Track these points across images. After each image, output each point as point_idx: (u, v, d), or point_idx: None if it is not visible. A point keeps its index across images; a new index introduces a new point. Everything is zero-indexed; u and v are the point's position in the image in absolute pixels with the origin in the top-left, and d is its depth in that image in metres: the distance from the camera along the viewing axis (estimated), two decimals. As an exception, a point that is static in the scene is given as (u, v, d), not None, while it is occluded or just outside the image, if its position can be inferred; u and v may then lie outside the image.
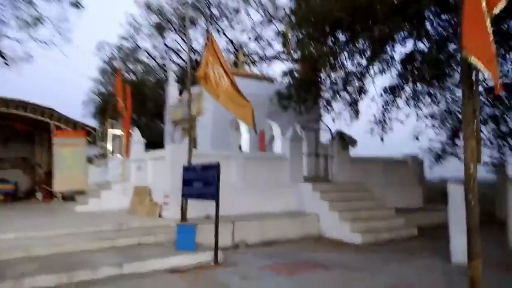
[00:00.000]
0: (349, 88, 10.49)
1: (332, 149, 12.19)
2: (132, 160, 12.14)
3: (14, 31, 17.97)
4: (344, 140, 12.30)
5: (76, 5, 15.19)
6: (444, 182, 16.51)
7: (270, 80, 16.87)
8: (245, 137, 14.39)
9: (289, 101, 11.57)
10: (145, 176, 11.02)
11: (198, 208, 9.26)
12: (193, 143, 14.77)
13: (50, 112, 16.20)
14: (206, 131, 13.45)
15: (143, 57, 22.87)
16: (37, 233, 7.27)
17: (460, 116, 10.84)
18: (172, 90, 16.94)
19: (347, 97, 10.66)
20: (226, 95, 8.78)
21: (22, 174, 22.23)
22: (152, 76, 23.26)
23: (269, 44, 21.73)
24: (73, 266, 5.67)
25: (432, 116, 12.30)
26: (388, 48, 9.92)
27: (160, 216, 9.30)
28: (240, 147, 14.39)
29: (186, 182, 7.79)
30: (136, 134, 12.48)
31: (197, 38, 22.82)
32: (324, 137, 13.95)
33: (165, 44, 22.60)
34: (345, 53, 10.00)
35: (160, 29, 21.49)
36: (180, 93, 17.13)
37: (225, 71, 8.79)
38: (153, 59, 23.01)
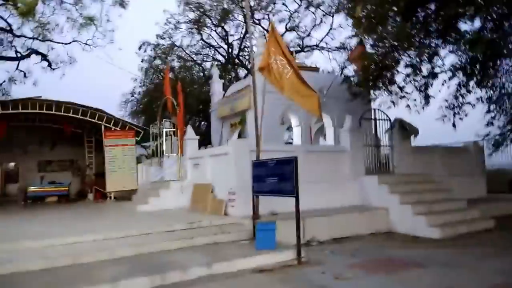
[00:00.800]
0: (421, 71, 9.91)
1: (393, 139, 11.65)
2: (188, 157, 12.08)
3: (59, 34, 18.38)
4: (405, 129, 11.75)
5: (122, 4, 15.22)
6: (501, 170, 15.59)
7: (315, 69, 16.43)
8: (296, 130, 14.04)
9: (362, 87, 11.04)
10: (203, 173, 10.91)
11: (263, 205, 9.05)
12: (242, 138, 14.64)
13: (100, 114, 16.49)
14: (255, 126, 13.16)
15: (182, 54, 22.84)
16: (114, 234, 7.24)
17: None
18: (217, 87, 16.81)
19: (418, 81, 10.08)
20: (291, 86, 8.48)
21: (70, 176, 23.00)
22: (191, 73, 23.26)
23: (308, 34, 21.21)
24: (163, 267, 5.56)
25: (490, 99, 11.53)
26: (458, 28, 9.28)
27: (225, 213, 9.14)
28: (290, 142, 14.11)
29: (257, 178, 7.56)
30: (190, 131, 12.40)
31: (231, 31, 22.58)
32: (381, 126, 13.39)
33: (203, 40, 22.50)
34: (420, 32, 9.42)
35: (199, 25, 21.36)
36: (224, 89, 16.98)
37: (288, 61, 8.49)
38: (189, 56, 22.95)
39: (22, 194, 19.32)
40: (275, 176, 7.00)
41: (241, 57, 22.58)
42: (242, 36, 21.74)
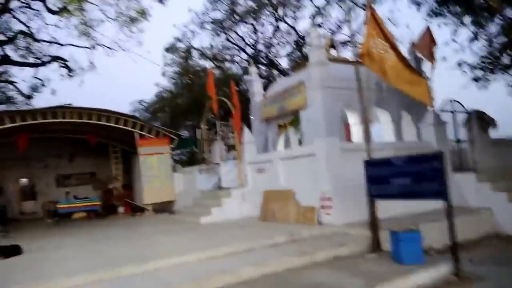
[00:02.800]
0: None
1: (471, 132, 10.71)
2: (247, 162, 11.01)
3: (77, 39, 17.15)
4: (484, 121, 10.83)
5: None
6: None
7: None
8: (353, 128, 13.00)
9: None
10: (273, 178, 9.84)
11: (359, 210, 8.02)
12: (291, 140, 13.59)
13: (134, 121, 15.37)
14: (313, 125, 12.14)
15: (210, 54, 21.80)
16: (216, 252, 6.18)
17: None
18: (256, 86, 15.76)
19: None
20: (394, 71, 7.51)
21: (90, 189, 21.69)
22: (223, 73, 22.21)
23: (339, 27, 20.35)
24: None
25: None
26: None
27: (318, 222, 8.07)
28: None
29: (375, 180, 6.53)
30: (247, 134, 11.35)
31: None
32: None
33: (229, 40, 21.50)
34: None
35: (229, 22, 20.30)
36: (265, 89, 15.95)
37: (390, 44, 7.52)
38: (221, 56, 21.90)
39: (46, 211, 18.06)
40: (408, 175, 5.97)
41: (270, 56, 21.58)
42: (273, 32, 20.76)
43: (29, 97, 17.60)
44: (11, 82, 16.63)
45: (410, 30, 28.04)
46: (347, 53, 21.43)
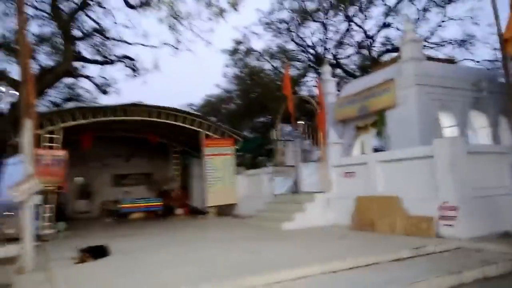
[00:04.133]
0: None
1: None
2: (332, 165, 10.03)
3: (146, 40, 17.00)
4: None
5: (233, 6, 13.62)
6: None
7: (452, 61, 14.16)
8: (450, 131, 11.65)
9: None
10: (367, 183, 8.79)
11: (485, 223, 6.82)
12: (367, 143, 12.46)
13: (201, 121, 14.86)
14: (404, 127, 10.97)
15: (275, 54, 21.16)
16: (334, 265, 5.23)
17: None
18: (330, 86, 14.81)
19: None
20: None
21: (145, 190, 21.50)
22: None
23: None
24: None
25: None
26: None
27: (437, 234, 6.92)
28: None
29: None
30: (332, 134, 10.39)
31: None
32: None
33: (295, 41, 20.73)
34: None
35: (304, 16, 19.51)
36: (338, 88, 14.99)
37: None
38: (276, 57, 21.20)
39: (106, 210, 17.95)
40: None
41: (338, 57, 20.58)
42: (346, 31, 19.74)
43: (104, 92, 17.57)
44: (88, 77, 16.66)
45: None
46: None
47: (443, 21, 19.11)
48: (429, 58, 13.01)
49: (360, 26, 19.64)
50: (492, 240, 6.47)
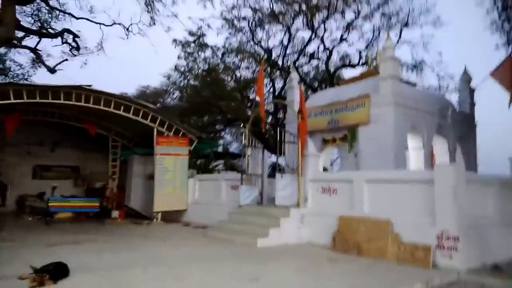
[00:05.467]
0: None
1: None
2: (309, 179, 9.44)
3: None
4: None
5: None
6: None
7: (414, 85, 14.53)
8: (415, 153, 11.83)
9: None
10: (351, 202, 8.34)
11: (481, 254, 6.72)
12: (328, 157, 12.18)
13: (154, 115, 13.32)
14: (378, 144, 10.83)
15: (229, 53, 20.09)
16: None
17: None
18: (296, 94, 14.26)
19: None
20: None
21: (71, 186, 19.00)
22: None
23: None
24: None
25: None
26: None
27: (433, 265, 6.62)
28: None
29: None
30: (311, 145, 9.80)
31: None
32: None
33: (252, 43, 19.91)
34: None
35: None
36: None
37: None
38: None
39: (28, 206, 15.33)
40: None
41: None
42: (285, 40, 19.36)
43: (52, 71, 14.86)
44: (35, 50, 13.90)
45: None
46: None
47: (397, 43, 19.87)
48: (404, 80, 13.24)
49: (321, 38, 19.59)
50: (487, 273, 6.35)
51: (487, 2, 12.22)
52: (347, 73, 20.81)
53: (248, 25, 19.22)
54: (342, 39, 20.37)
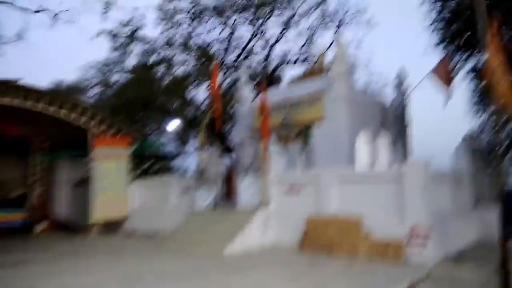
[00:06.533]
0: None
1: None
2: (274, 179, 9.17)
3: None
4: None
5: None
6: None
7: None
8: (363, 149, 12.14)
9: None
10: (317, 201, 8.27)
11: (441, 244, 7.05)
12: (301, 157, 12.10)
13: (93, 112, 11.92)
14: (332, 140, 10.95)
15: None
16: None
17: None
18: (247, 91, 13.91)
19: None
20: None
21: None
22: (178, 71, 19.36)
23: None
24: None
25: None
26: None
27: (405, 260, 6.78)
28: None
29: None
30: (274, 144, 9.53)
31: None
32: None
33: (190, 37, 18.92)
34: None
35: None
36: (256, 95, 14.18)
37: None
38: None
39: None
40: None
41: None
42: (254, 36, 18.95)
43: None
44: None
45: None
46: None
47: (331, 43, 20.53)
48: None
49: (261, 34, 19.43)
50: (454, 265, 6.63)
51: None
52: (288, 71, 20.97)
53: (188, 18, 18.29)
54: (281, 37, 20.45)
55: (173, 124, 19.95)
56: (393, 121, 13.01)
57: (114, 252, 8.78)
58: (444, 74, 11.46)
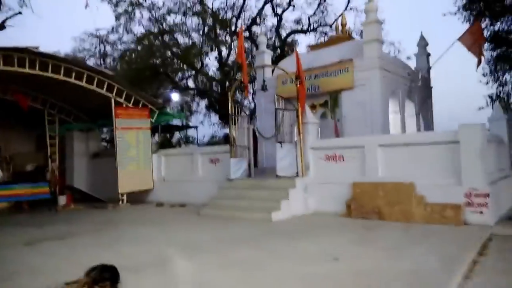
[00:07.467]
0: None
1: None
2: (309, 147, 9.04)
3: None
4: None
5: None
6: None
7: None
8: (394, 117, 12.02)
9: None
10: (363, 168, 8.19)
11: (498, 206, 7.09)
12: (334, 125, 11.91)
13: (111, 83, 11.48)
14: (364, 109, 10.80)
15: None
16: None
17: None
18: (267, 59, 13.52)
19: None
20: None
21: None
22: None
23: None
24: None
25: None
26: None
27: (465, 222, 6.80)
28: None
29: None
30: (309, 113, 9.33)
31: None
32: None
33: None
34: None
35: None
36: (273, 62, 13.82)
37: None
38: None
39: None
40: None
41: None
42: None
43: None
44: None
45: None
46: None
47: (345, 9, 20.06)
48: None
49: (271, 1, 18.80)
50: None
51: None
52: (299, 39, 20.51)
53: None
54: (290, 4, 19.84)
55: (177, 96, 19.58)
56: (418, 89, 12.88)
57: (157, 220, 8.66)
58: (475, 39, 11.27)
